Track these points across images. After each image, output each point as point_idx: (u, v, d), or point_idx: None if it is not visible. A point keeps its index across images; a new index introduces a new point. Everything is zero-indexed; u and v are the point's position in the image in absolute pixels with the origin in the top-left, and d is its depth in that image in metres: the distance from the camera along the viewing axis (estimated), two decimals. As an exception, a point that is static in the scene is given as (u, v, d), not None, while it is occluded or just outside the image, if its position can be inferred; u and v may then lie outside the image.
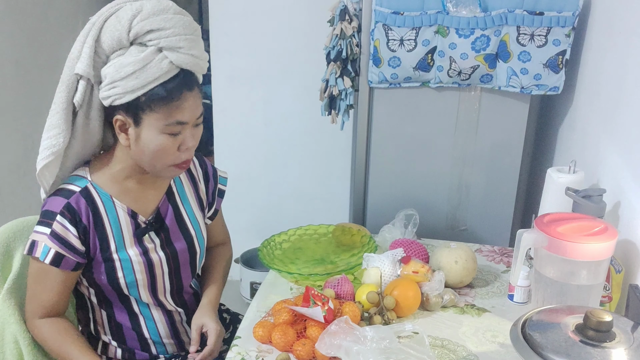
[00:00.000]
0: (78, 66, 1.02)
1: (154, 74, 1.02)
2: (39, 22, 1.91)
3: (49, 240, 1.08)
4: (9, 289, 1.14)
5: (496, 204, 1.87)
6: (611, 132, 1.45)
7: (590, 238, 1.10)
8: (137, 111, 1.04)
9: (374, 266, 1.32)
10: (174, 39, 1.03)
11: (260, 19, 2.31)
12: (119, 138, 1.09)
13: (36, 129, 2.03)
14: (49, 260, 1.08)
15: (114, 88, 1.03)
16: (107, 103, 1.06)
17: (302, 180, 2.52)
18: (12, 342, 1.14)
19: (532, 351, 0.85)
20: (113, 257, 1.14)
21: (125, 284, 1.17)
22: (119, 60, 1.02)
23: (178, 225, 1.24)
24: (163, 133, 1.06)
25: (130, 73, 1.01)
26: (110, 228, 1.14)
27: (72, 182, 1.13)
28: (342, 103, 1.77)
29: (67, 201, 1.10)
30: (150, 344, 1.26)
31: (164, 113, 1.04)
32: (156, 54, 1.02)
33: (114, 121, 1.07)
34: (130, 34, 1.02)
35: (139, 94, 1.02)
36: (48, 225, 1.09)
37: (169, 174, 1.15)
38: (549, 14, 1.60)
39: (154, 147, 1.07)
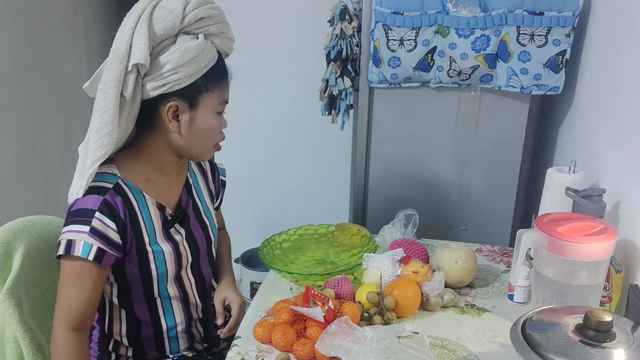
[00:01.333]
0: (136, 56, 1.04)
1: (208, 57, 1.11)
2: (39, 21, 1.91)
3: (90, 237, 1.07)
4: (9, 289, 1.14)
5: (496, 204, 1.88)
6: (611, 132, 1.45)
7: (590, 238, 1.10)
8: (195, 94, 1.11)
9: (373, 266, 1.32)
10: (219, 26, 1.13)
11: (260, 19, 2.31)
12: (169, 126, 1.12)
13: (36, 129, 2.03)
14: (92, 256, 1.07)
15: (176, 74, 1.07)
16: (162, 90, 1.08)
17: (302, 180, 2.52)
18: (12, 342, 1.14)
19: (532, 351, 0.85)
20: (147, 250, 1.16)
21: (157, 275, 1.19)
22: (179, 46, 1.07)
23: (196, 216, 1.28)
24: (216, 112, 1.16)
25: (192, 57, 1.07)
26: (143, 222, 1.16)
27: (101, 180, 1.12)
28: (342, 103, 1.77)
29: (103, 197, 1.09)
30: (164, 339, 1.27)
31: (218, 92, 1.15)
32: (208, 40, 1.12)
33: (167, 109, 1.11)
34: (183, 23, 1.08)
35: (197, 77, 1.10)
36: (86, 223, 1.08)
37: (208, 156, 1.23)
38: (549, 14, 1.60)
39: (209, 127, 1.15)
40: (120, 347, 1.26)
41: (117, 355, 1.26)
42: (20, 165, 1.82)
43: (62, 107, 2.02)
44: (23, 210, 1.75)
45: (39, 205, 1.92)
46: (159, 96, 1.09)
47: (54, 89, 1.99)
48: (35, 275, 1.23)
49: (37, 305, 1.22)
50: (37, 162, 1.92)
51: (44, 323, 1.22)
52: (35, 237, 1.24)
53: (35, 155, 1.90)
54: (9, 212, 1.71)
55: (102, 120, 1.06)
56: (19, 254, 1.19)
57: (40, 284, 1.25)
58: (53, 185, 2.00)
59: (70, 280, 1.10)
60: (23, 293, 1.17)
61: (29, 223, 1.24)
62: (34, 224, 1.25)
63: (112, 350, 1.26)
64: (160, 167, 1.20)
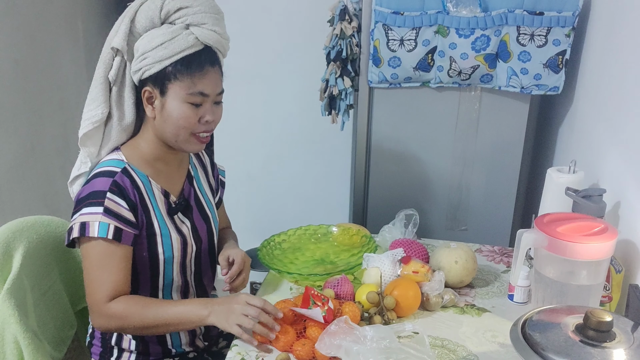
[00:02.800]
0: (114, 40, 1.14)
1: (181, 46, 1.13)
2: (38, 22, 1.91)
3: (104, 217, 1.11)
4: (9, 289, 1.14)
5: (496, 204, 1.87)
6: (611, 131, 1.45)
7: (590, 238, 1.10)
8: (164, 81, 1.14)
9: (374, 266, 1.32)
10: (199, 16, 1.14)
11: (260, 19, 2.31)
12: (146, 110, 1.18)
13: (35, 129, 2.03)
14: (111, 234, 1.11)
15: (145, 59, 1.13)
16: (138, 76, 1.15)
17: (302, 180, 2.52)
18: (12, 342, 1.13)
19: (532, 351, 0.85)
20: (156, 232, 1.19)
21: (164, 259, 1.21)
22: (151, 33, 1.14)
23: (198, 207, 1.31)
24: (186, 102, 1.15)
25: (159, 44, 1.12)
26: (151, 205, 1.20)
27: (109, 165, 1.17)
28: (342, 103, 1.77)
29: (112, 179, 1.14)
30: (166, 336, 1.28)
31: (188, 83, 1.14)
32: (183, 30, 1.14)
33: (142, 93, 1.17)
34: (162, 13, 1.13)
35: (166, 64, 1.13)
36: (99, 204, 1.11)
37: (190, 146, 1.21)
38: (549, 14, 1.60)
39: (177, 115, 1.16)
40: (123, 341, 1.26)
41: (119, 350, 1.26)
42: (19, 166, 1.82)
43: (61, 107, 2.02)
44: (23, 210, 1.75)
45: (39, 206, 1.92)
46: (140, 82, 1.17)
47: (53, 89, 1.99)
48: (35, 275, 1.23)
49: (37, 305, 1.22)
50: (37, 163, 1.92)
51: (44, 323, 1.22)
52: (35, 237, 1.24)
53: (35, 155, 1.90)
54: (8, 212, 1.71)
55: (90, 98, 1.19)
56: (19, 254, 1.19)
57: (40, 284, 1.24)
58: (52, 185, 2.00)
59: (97, 263, 1.13)
60: (23, 293, 1.17)
61: (29, 223, 1.24)
62: (34, 224, 1.25)
63: (115, 344, 1.26)
64: (161, 157, 1.23)
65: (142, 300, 1.15)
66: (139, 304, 1.13)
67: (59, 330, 1.28)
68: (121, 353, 1.27)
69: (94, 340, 1.29)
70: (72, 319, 1.35)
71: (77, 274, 1.38)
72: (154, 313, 1.12)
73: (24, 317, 1.14)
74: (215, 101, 1.20)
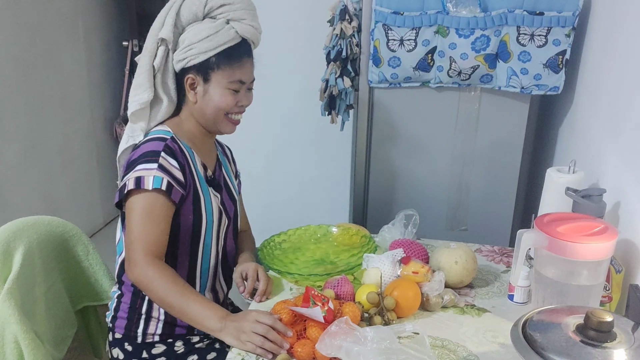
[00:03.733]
0: (162, 32, 1.24)
1: (223, 39, 1.25)
2: (39, 21, 1.91)
3: (159, 172, 1.19)
4: (9, 289, 1.14)
5: (496, 204, 1.88)
6: (611, 131, 1.45)
7: (590, 238, 1.10)
8: (207, 70, 1.26)
9: (373, 266, 1.32)
10: (239, 12, 1.27)
11: (260, 19, 2.31)
12: (188, 95, 1.29)
13: (36, 129, 2.02)
14: (165, 187, 1.18)
15: (191, 50, 1.24)
16: (182, 65, 1.26)
17: (302, 180, 2.52)
18: (12, 342, 1.13)
19: (533, 351, 0.85)
20: (200, 197, 1.29)
21: (206, 222, 1.30)
22: (196, 26, 1.25)
23: (226, 188, 1.41)
24: (227, 88, 1.28)
25: (205, 37, 1.24)
26: (195, 171, 1.30)
27: (159, 134, 1.27)
28: (342, 103, 1.77)
29: (164, 143, 1.24)
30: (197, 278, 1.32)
31: (229, 72, 1.27)
32: (225, 24, 1.26)
33: (186, 80, 1.28)
34: (206, 8, 1.25)
35: (210, 55, 1.25)
36: (154, 161, 1.20)
37: (224, 128, 1.34)
38: (549, 14, 1.60)
39: (218, 100, 1.28)
40: (153, 309, 1.29)
41: (147, 318, 1.29)
42: (20, 165, 1.82)
43: (61, 107, 2.02)
44: (23, 210, 1.76)
45: (39, 205, 1.92)
46: (183, 70, 1.27)
47: (54, 88, 1.99)
48: (35, 275, 1.23)
49: (37, 305, 1.22)
50: (37, 162, 1.92)
51: (44, 323, 1.22)
52: (35, 237, 1.24)
53: (35, 155, 1.90)
54: (9, 212, 1.71)
55: (137, 83, 1.28)
56: (19, 254, 1.19)
57: (40, 284, 1.25)
58: (53, 185, 2.00)
59: (146, 213, 1.19)
60: (23, 293, 1.17)
61: (29, 223, 1.24)
62: (34, 224, 1.26)
63: (144, 312, 1.29)
64: (198, 135, 1.34)
65: (173, 277, 1.18)
66: (170, 281, 1.16)
67: (59, 330, 1.28)
68: (148, 321, 1.29)
69: (118, 312, 1.31)
70: (72, 319, 1.35)
71: (78, 274, 1.38)
72: (178, 298, 1.15)
73: (24, 317, 1.15)
74: (249, 88, 1.34)
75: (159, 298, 1.17)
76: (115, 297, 1.33)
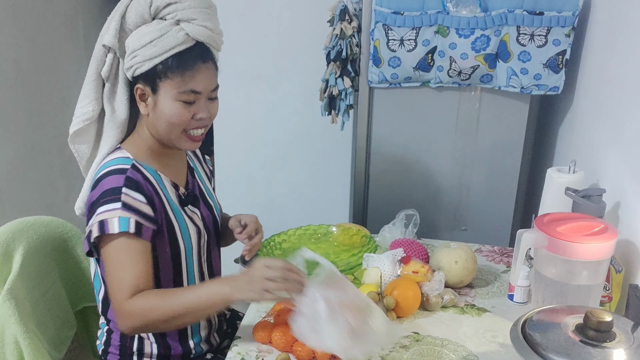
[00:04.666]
0: (105, 38, 1.12)
1: (170, 43, 1.10)
2: (38, 22, 1.91)
3: (124, 211, 1.07)
4: (9, 289, 1.14)
5: (496, 204, 1.87)
6: (611, 131, 1.45)
7: (590, 238, 1.10)
8: (155, 79, 1.12)
9: (374, 266, 1.32)
10: (189, 11, 1.11)
11: (260, 19, 2.31)
12: (140, 108, 1.16)
13: (36, 129, 2.03)
14: (132, 229, 1.07)
15: (135, 57, 1.11)
16: (130, 74, 1.14)
17: (302, 180, 2.52)
18: (12, 343, 1.13)
19: (532, 351, 0.85)
20: (174, 225, 1.18)
21: (185, 250, 1.20)
22: (141, 29, 1.11)
23: (201, 198, 1.31)
24: (177, 100, 1.13)
25: (149, 41, 1.09)
26: (165, 197, 1.18)
27: (117, 164, 1.14)
28: (342, 103, 1.77)
29: (124, 175, 1.11)
30: (187, 334, 1.25)
31: (179, 81, 1.12)
32: (173, 26, 1.11)
33: (135, 90, 1.15)
34: (152, 9, 1.11)
35: (156, 62, 1.10)
36: (116, 200, 1.08)
37: (183, 144, 1.19)
38: (549, 14, 1.60)
39: (169, 113, 1.13)
40: (144, 345, 1.23)
41: (139, 355, 1.23)
42: (20, 166, 1.82)
43: (61, 107, 2.02)
44: (23, 210, 1.75)
45: (39, 206, 1.92)
46: (133, 79, 1.14)
47: (54, 89, 1.99)
48: (35, 275, 1.23)
49: (37, 306, 1.22)
50: (37, 163, 1.92)
51: (44, 323, 1.22)
52: (35, 238, 1.24)
53: (35, 155, 1.90)
54: (9, 212, 1.71)
55: (83, 94, 1.17)
56: (19, 254, 1.19)
57: (40, 284, 1.24)
58: (53, 185, 2.00)
59: (119, 261, 1.08)
60: (23, 293, 1.17)
61: (29, 223, 1.24)
62: (34, 224, 1.26)
63: (136, 350, 1.23)
64: (162, 151, 1.21)
65: (160, 291, 1.11)
66: (158, 296, 1.08)
67: (59, 330, 1.28)
68: (141, 358, 1.23)
69: (110, 347, 1.25)
70: (72, 319, 1.35)
71: (77, 274, 1.38)
72: (176, 302, 1.07)
73: (24, 317, 1.14)
74: (210, 97, 1.17)
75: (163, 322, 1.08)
76: (105, 331, 1.26)
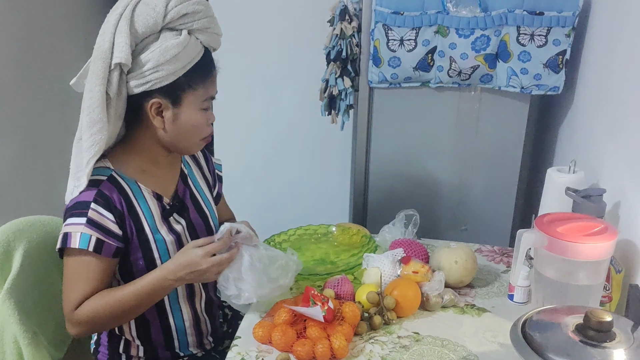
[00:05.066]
0: (118, 55, 1.04)
1: (192, 54, 1.10)
2: (39, 21, 1.91)
3: (87, 228, 1.07)
4: (9, 289, 1.14)
5: (496, 204, 1.87)
6: (611, 131, 1.45)
7: (590, 238, 1.10)
8: (177, 92, 1.10)
9: (373, 266, 1.32)
10: (204, 21, 1.11)
11: (261, 19, 2.31)
12: (154, 122, 1.12)
13: (36, 129, 2.03)
14: (92, 247, 1.07)
15: (157, 72, 1.07)
16: (145, 88, 1.08)
17: (302, 180, 2.52)
18: (12, 342, 1.13)
19: (532, 351, 0.85)
20: (149, 239, 1.16)
21: (161, 262, 1.17)
22: (160, 44, 1.07)
23: (194, 205, 1.28)
24: (200, 109, 1.14)
25: (174, 55, 1.07)
26: (141, 210, 1.16)
27: (95, 174, 1.12)
28: (342, 103, 1.77)
29: (97, 189, 1.10)
30: (174, 339, 1.26)
31: (202, 90, 1.13)
32: (189, 37, 1.09)
33: (150, 105, 1.11)
34: (166, 19, 1.07)
35: (180, 75, 1.09)
36: (82, 215, 1.08)
37: (197, 148, 1.22)
38: (549, 14, 1.60)
39: (192, 124, 1.14)
40: (131, 348, 1.25)
41: (127, 357, 1.25)
42: (19, 166, 1.82)
43: (62, 107, 2.02)
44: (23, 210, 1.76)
45: (39, 205, 1.92)
46: (143, 93, 1.09)
47: (54, 89, 1.99)
48: (35, 275, 1.23)
49: (37, 305, 1.22)
50: (37, 162, 1.92)
51: (44, 323, 1.22)
52: (35, 237, 1.24)
53: (35, 155, 1.90)
54: (9, 212, 1.71)
55: (92, 119, 1.08)
56: (19, 254, 1.19)
57: (40, 284, 1.24)
58: (53, 185, 2.00)
59: (76, 272, 1.09)
60: (23, 293, 1.17)
61: (29, 223, 1.24)
62: (34, 224, 1.25)
63: (122, 351, 1.25)
64: (153, 160, 1.20)
65: (102, 292, 1.11)
66: (100, 297, 1.10)
67: (59, 330, 1.28)
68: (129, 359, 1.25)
69: (100, 347, 1.27)
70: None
71: (77, 274, 1.38)
72: (118, 297, 1.09)
73: (24, 317, 1.15)
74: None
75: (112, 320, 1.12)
76: None
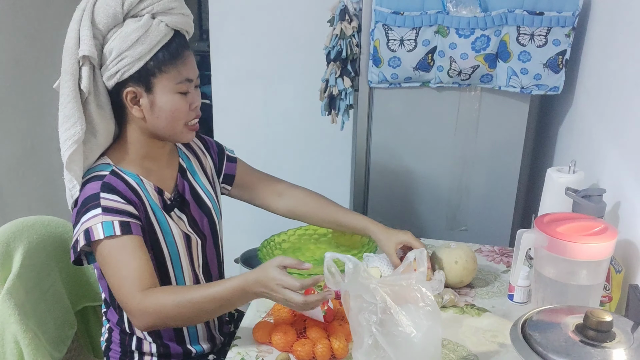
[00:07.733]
0: (82, 49, 1.05)
1: (156, 37, 1.08)
2: (38, 21, 1.91)
3: (105, 215, 1.06)
4: (9, 289, 1.14)
5: (496, 204, 1.87)
6: (611, 131, 1.45)
7: (590, 238, 1.10)
8: (148, 77, 1.10)
9: (373, 266, 1.32)
10: (164, 3, 1.09)
11: (260, 19, 2.31)
12: (132, 112, 1.12)
13: (36, 129, 2.03)
14: (118, 230, 1.06)
15: (122, 60, 1.07)
16: (116, 79, 1.09)
17: (302, 180, 2.50)
18: (12, 342, 1.13)
19: (532, 351, 0.85)
20: (156, 230, 1.16)
21: (169, 256, 1.18)
22: (121, 31, 1.07)
23: (195, 199, 1.27)
24: (176, 93, 1.12)
25: (135, 40, 1.06)
26: (147, 201, 1.16)
27: (95, 171, 1.13)
28: (342, 103, 1.77)
29: (101, 181, 1.10)
30: (185, 335, 1.26)
31: (174, 72, 1.11)
32: (152, 20, 1.08)
33: (125, 95, 1.11)
34: (125, 7, 1.07)
35: (146, 60, 1.08)
36: (95, 206, 1.07)
37: (184, 137, 1.19)
38: (549, 14, 1.60)
39: (170, 108, 1.12)
40: (143, 345, 1.24)
41: (140, 354, 1.25)
42: (19, 166, 1.82)
43: (62, 107, 2.02)
44: (23, 210, 1.76)
45: (39, 205, 1.92)
46: (118, 85, 1.10)
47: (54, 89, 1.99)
48: (35, 275, 1.23)
49: (37, 305, 1.22)
50: (37, 163, 1.92)
51: (44, 323, 1.22)
52: (35, 237, 1.24)
53: (35, 155, 1.90)
54: (9, 212, 1.71)
55: (64, 114, 1.09)
56: (19, 254, 1.19)
57: (40, 284, 1.25)
58: (53, 185, 2.00)
59: (113, 262, 1.06)
60: (23, 293, 1.17)
61: (29, 223, 1.24)
62: (34, 224, 1.26)
63: (135, 349, 1.24)
64: (149, 155, 1.19)
65: (171, 288, 1.10)
66: (169, 292, 1.07)
67: (59, 330, 1.28)
68: (142, 357, 1.25)
69: (111, 344, 1.26)
70: (72, 319, 1.35)
71: (77, 274, 1.38)
72: (190, 298, 1.05)
73: (24, 317, 1.15)
74: (196, 85, 1.17)
75: (179, 319, 1.09)
76: (106, 328, 1.27)
